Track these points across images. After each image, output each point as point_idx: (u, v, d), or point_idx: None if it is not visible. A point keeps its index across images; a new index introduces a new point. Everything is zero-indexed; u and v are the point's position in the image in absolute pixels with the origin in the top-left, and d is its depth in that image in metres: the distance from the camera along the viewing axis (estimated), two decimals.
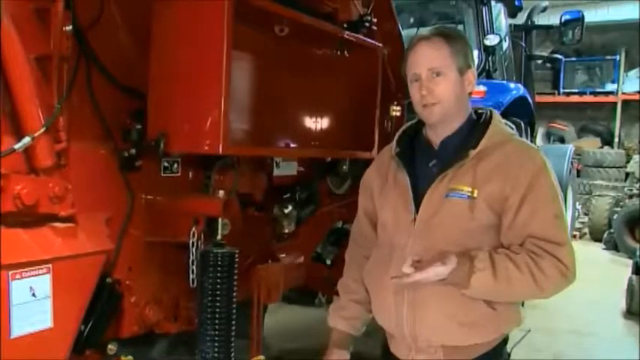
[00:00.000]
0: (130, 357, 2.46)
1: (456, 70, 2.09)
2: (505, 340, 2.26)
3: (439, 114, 2.12)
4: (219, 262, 2.26)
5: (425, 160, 2.19)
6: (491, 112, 2.20)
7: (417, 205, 2.12)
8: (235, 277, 2.32)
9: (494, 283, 1.95)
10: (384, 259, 2.22)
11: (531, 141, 6.67)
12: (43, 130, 1.97)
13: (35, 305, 1.91)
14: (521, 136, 5.68)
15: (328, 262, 3.74)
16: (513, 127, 5.47)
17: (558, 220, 2.02)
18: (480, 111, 2.23)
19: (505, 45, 6.14)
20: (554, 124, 14.76)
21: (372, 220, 2.38)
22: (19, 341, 1.87)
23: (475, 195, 2.03)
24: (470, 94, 2.18)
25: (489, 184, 2.03)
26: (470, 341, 2.12)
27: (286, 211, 3.10)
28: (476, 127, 2.16)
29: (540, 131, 13.50)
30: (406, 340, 2.17)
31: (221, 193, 2.40)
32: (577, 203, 10.46)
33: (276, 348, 4.21)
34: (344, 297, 2.46)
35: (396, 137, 2.30)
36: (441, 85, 2.08)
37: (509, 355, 2.28)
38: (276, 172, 3.03)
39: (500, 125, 2.17)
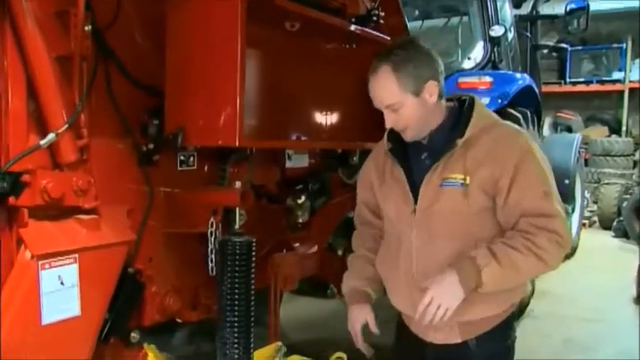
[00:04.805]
0: (152, 345, 2.55)
1: (410, 96, 2.14)
2: (514, 313, 2.36)
3: (412, 134, 2.23)
4: (238, 250, 2.33)
5: (417, 154, 2.28)
6: (472, 98, 2.27)
7: (416, 196, 2.22)
8: (253, 265, 2.39)
9: (503, 271, 2.06)
10: (393, 248, 2.33)
11: (538, 131, 6.71)
12: (66, 126, 2.05)
13: (63, 294, 2.00)
14: (527, 126, 5.75)
15: (340, 252, 3.81)
16: (520, 116, 5.53)
17: (547, 196, 2.12)
18: (463, 97, 2.30)
19: (510, 35, 6.17)
20: (561, 114, 14.73)
21: (373, 210, 2.50)
22: (49, 328, 1.97)
23: (468, 182, 2.13)
24: (440, 96, 2.20)
25: (480, 170, 2.12)
26: (483, 314, 2.22)
27: (300, 201, 3.17)
28: (459, 115, 2.23)
29: (547, 121, 13.48)
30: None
31: (238, 184, 2.47)
32: (585, 192, 10.46)
33: (290, 339, 4.29)
34: (359, 261, 2.50)
35: (385, 134, 2.37)
36: (402, 114, 2.17)
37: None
38: (288, 164, 3.10)
39: (483, 110, 2.24)
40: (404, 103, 2.14)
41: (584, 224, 10.19)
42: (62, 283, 1.99)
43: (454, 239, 2.18)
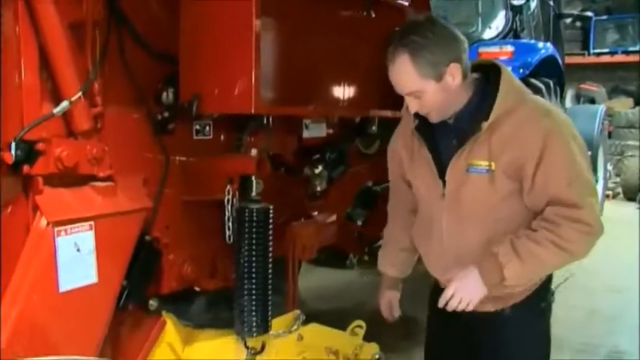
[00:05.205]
0: (170, 313, 2.56)
1: (432, 82, 2.05)
2: (549, 279, 2.35)
3: (437, 116, 2.15)
4: (255, 217, 2.31)
5: (444, 134, 2.21)
6: (498, 69, 2.14)
7: (445, 178, 2.18)
8: (270, 232, 2.37)
9: (525, 267, 2.05)
10: (426, 225, 2.33)
11: (560, 102, 6.59)
12: (79, 94, 2.03)
13: (80, 260, 2.00)
14: (550, 96, 5.65)
15: (359, 223, 3.80)
16: (542, 87, 5.43)
17: (572, 183, 2.03)
18: (488, 64, 2.20)
19: (533, 4, 6.06)
20: (584, 86, 14.49)
21: (408, 181, 2.45)
22: (66, 295, 1.97)
23: (493, 168, 2.07)
24: (465, 76, 2.10)
25: (504, 155, 2.06)
26: (512, 290, 2.20)
27: (317, 170, 3.15)
28: (485, 92, 2.13)
29: (569, 93, 13.26)
30: None
31: (254, 151, 2.46)
32: (608, 164, 10.34)
33: (309, 308, 4.28)
34: (391, 246, 2.61)
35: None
36: (425, 100, 2.09)
37: (553, 293, 2.37)
38: (305, 133, 3.06)
39: (510, 86, 2.11)
40: (426, 89, 2.06)
41: (607, 196, 10.08)
42: (78, 250, 1.99)
43: (483, 224, 2.15)
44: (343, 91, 3.04)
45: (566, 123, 2.10)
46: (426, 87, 2.05)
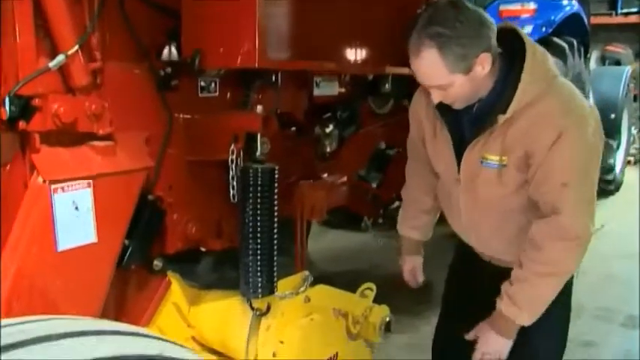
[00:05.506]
0: (176, 273, 2.53)
1: (460, 75, 1.92)
2: None
3: (462, 105, 2.06)
4: (260, 177, 2.24)
5: (465, 115, 2.12)
6: (524, 51, 1.98)
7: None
8: (276, 192, 2.31)
9: (528, 310, 2.07)
10: (447, 198, 2.33)
11: (585, 63, 6.40)
12: (76, 47, 1.97)
13: (78, 219, 1.95)
14: (573, 56, 5.48)
15: (374, 185, 3.74)
16: (565, 46, 5.27)
17: (568, 184, 1.95)
18: (510, 29, 2.05)
19: None
20: (610, 47, 14.10)
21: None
22: (65, 254, 1.93)
23: (505, 162, 2.03)
24: (494, 61, 1.96)
25: (515, 151, 2.00)
26: None
27: (327, 130, 3.08)
28: (510, 74, 2.00)
29: (595, 55, 12.93)
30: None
31: (259, 108, 2.37)
32: (632, 128, 10.14)
33: (320, 270, 4.25)
34: (412, 207, 2.57)
35: None
36: (451, 91, 1.98)
37: None
38: (316, 91, 2.98)
39: (534, 74, 1.96)
40: (453, 82, 1.94)
41: (629, 161, 9.90)
42: (77, 209, 1.94)
43: (496, 213, 2.16)
44: (355, 47, 2.93)
45: (586, 123, 1.97)
46: (454, 80, 1.93)
